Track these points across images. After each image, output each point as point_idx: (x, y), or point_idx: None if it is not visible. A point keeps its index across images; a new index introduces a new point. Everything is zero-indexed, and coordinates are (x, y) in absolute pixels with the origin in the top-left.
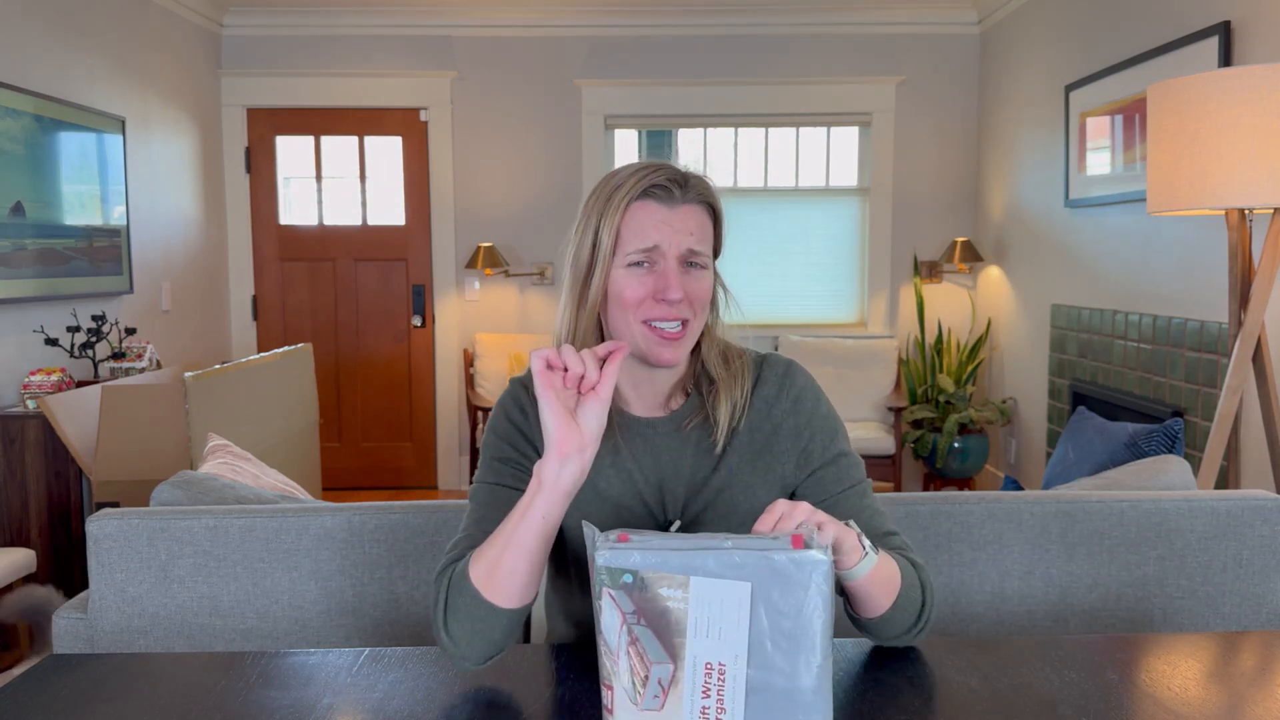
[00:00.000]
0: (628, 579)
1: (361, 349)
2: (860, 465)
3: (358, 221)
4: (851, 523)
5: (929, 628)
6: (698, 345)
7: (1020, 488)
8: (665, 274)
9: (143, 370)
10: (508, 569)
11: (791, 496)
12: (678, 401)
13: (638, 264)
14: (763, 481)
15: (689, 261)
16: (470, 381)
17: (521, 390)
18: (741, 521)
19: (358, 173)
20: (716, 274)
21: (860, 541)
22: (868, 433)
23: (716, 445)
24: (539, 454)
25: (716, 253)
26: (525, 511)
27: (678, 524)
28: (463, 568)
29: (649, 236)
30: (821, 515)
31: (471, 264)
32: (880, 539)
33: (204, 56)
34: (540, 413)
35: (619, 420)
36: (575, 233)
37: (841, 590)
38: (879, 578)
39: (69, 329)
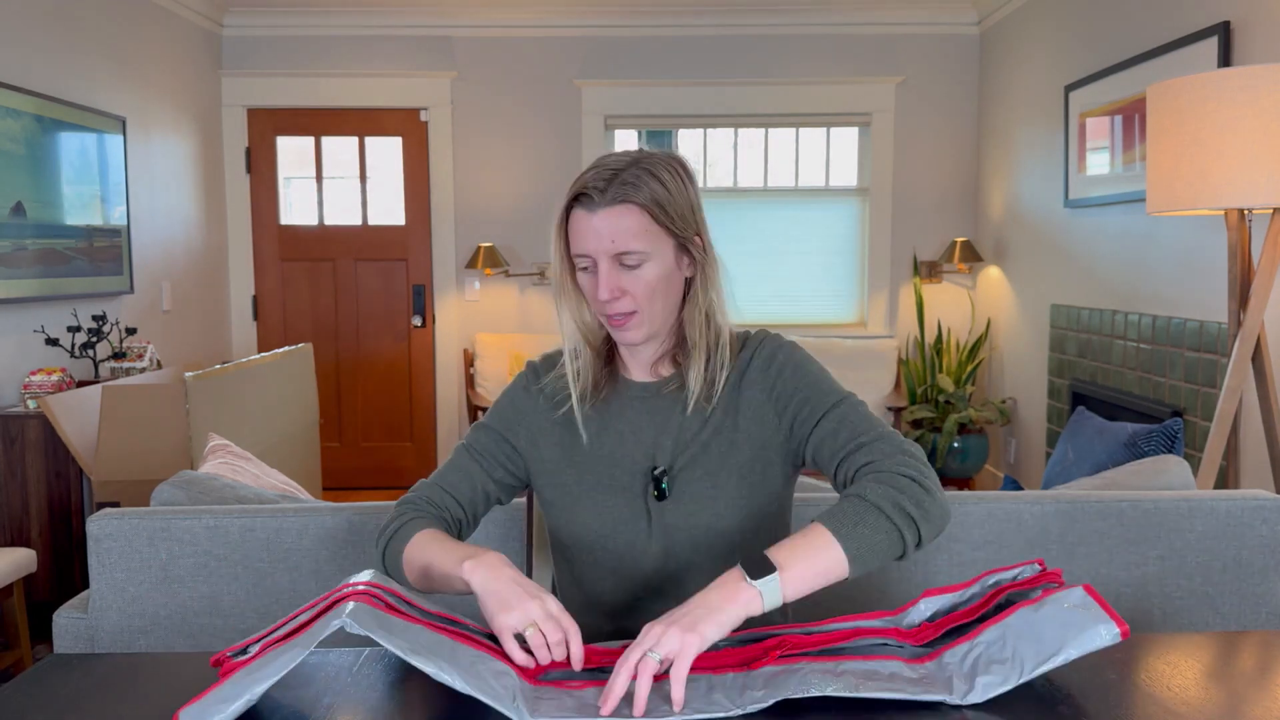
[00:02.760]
0: None
1: (361, 349)
2: (833, 393)
3: (358, 221)
4: (718, 582)
5: (932, 525)
6: (682, 318)
7: (1020, 488)
8: (596, 277)
9: (143, 370)
10: (428, 587)
11: (787, 446)
12: (666, 369)
13: (583, 267)
14: (745, 437)
15: (621, 262)
16: (470, 381)
17: (532, 374)
18: (724, 472)
19: (358, 173)
20: (692, 250)
21: (743, 582)
22: None
23: (688, 408)
24: (527, 438)
25: (678, 232)
26: (449, 579)
27: (662, 467)
28: (400, 546)
29: (580, 244)
30: (662, 632)
31: (471, 264)
32: (848, 453)
33: (204, 56)
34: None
35: (620, 385)
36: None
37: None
38: (806, 576)
39: (69, 329)
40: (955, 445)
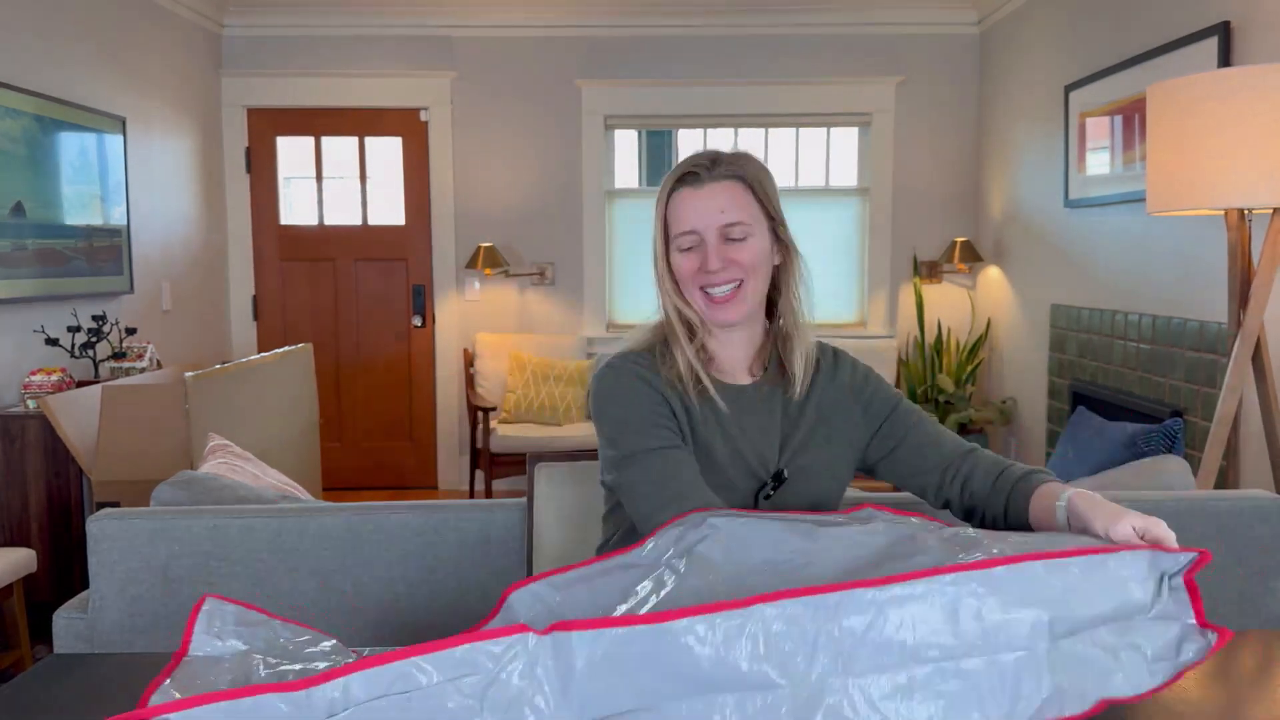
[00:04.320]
0: None
1: (361, 349)
2: (915, 404)
3: (358, 221)
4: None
5: None
6: (772, 314)
7: None
8: (705, 250)
9: (143, 370)
10: None
11: (866, 449)
12: (758, 370)
13: (686, 247)
14: (838, 435)
15: (728, 235)
16: (470, 381)
17: (631, 364)
18: (822, 468)
19: (358, 173)
20: (782, 240)
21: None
22: None
23: (794, 394)
24: (672, 409)
25: (774, 218)
26: None
27: (782, 467)
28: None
29: (685, 221)
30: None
31: (471, 264)
32: (966, 455)
33: (204, 56)
34: None
35: (718, 388)
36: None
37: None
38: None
39: (69, 329)
40: None
